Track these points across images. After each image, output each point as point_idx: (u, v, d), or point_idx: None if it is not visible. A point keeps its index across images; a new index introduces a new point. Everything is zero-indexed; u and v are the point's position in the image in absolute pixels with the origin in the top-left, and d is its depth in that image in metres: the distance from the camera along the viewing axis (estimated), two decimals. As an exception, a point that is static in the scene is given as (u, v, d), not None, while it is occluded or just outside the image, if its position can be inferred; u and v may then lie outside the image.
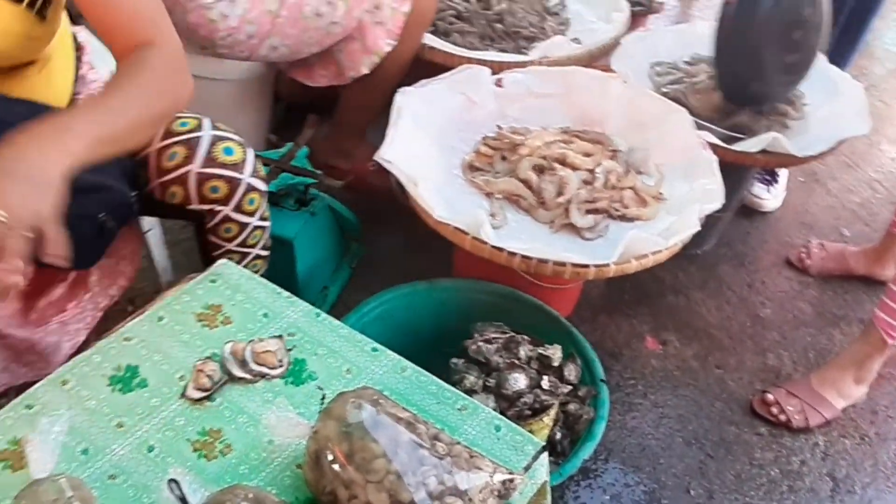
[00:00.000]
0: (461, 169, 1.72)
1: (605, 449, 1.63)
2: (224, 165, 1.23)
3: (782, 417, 1.74)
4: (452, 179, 1.69)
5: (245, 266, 1.34)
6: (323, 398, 0.96)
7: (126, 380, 1.04)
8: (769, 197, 2.33)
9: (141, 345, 1.09)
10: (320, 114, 2.01)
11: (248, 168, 1.25)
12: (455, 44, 1.98)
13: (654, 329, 1.94)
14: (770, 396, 1.77)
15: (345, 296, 1.88)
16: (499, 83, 1.82)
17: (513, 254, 1.46)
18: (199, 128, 1.24)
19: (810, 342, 1.97)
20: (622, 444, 1.66)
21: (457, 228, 1.50)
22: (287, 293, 1.20)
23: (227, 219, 1.28)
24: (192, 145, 1.22)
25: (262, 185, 1.29)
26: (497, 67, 1.86)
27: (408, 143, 1.62)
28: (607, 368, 1.79)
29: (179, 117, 1.26)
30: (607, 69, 1.94)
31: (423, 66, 1.87)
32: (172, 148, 1.22)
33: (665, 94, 1.92)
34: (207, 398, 1.03)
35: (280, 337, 1.12)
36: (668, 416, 1.74)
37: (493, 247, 1.46)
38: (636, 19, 2.27)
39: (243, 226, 1.31)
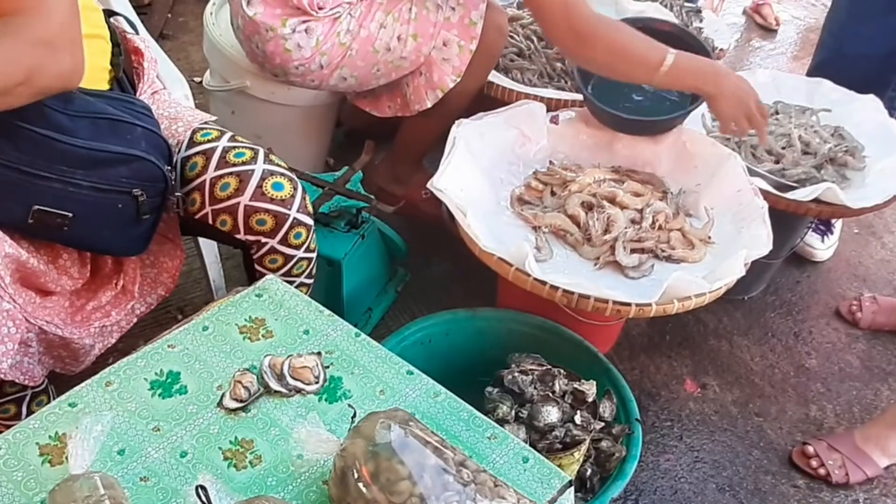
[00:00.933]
0: (510, 201, 1.71)
1: (635, 489, 1.59)
2: (272, 200, 1.25)
3: (822, 471, 1.68)
4: (500, 211, 1.69)
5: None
6: (353, 416, 0.95)
7: (167, 385, 1.05)
8: (822, 247, 2.26)
9: (184, 352, 1.10)
10: (378, 140, 2.03)
11: (296, 204, 1.27)
12: (514, 80, 1.98)
13: (694, 372, 1.89)
14: (810, 448, 1.70)
15: (388, 319, 1.88)
16: (554, 120, 1.81)
17: (555, 287, 1.44)
18: (253, 160, 1.26)
19: (856, 396, 1.89)
20: (654, 485, 1.62)
21: (501, 259, 1.49)
22: (328, 312, 1.20)
23: (272, 250, 1.30)
24: (244, 178, 1.24)
25: (308, 220, 1.30)
26: (553, 105, 1.86)
27: (460, 174, 1.63)
28: (644, 408, 1.75)
29: (235, 147, 1.29)
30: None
31: (481, 100, 1.88)
32: (226, 178, 1.25)
33: (721, 140, 1.89)
34: (243, 409, 1.03)
35: (318, 354, 1.12)
36: (702, 460, 1.69)
37: (536, 279, 1.45)
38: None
39: (288, 258, 1.32)
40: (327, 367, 1.11)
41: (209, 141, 1.30)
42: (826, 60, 2.22)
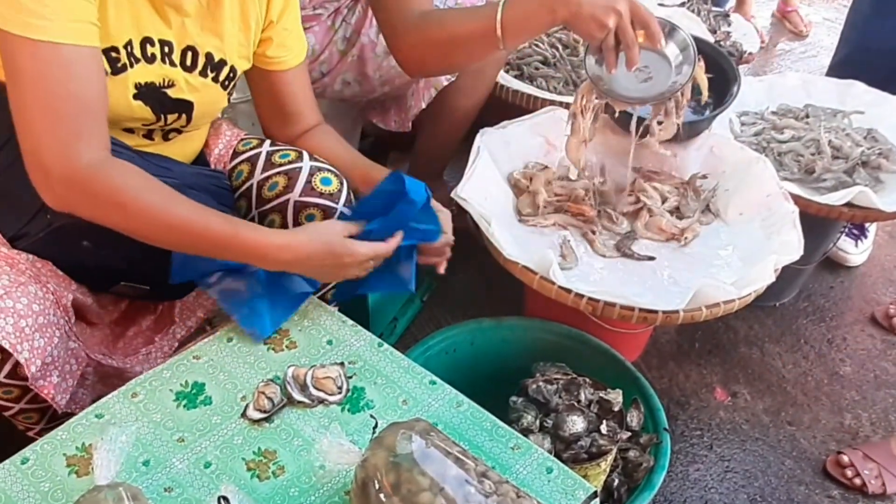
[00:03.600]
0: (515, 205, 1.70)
1: (664, 499, 1.56)
2: (322, 195, 1.25)
3: (857, 481, 1.63)
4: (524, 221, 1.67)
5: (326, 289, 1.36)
6: (375, 427, 0.95)
7: (191, 396, 1.06)
8: (856, 252, 2.21)
9: (209, 364, 1.11)
10: (403, 150, 2.03)
11: (343, 198, 1.27)
12: (539, 88, 1.98)
13: (725, 380, 1.86)
14: (845, 458, 1.66)
15: (413, 328, 1.88)
16: (578, 126, 1.80)
17: (580, 295, 1.43)
18: (299, 159, 1.28)
19: (892, 404, 1.85)
20: (683, 495, 1.59)
21: (525, 267, 1.48)
22: (352, 322, 1.21)
23: None
24: (292, 175, 1.25)
25: (349, 213, 1.31)
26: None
27: (484, 183, 1.62)
28: (672, 417, 1.72)
29: (279, 150, 1.31)
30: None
31: (506, 109, 1.87)
32: (273, 178, 1.26)
33: (749, 144, 1.87)
34: (266, 419, 1.04)
35: (341, 364, 1.12)
36: (733, 470, 1.66)
37: (561, 287, 1.44)
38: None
39: None
40: (350, 377, 1.11)
41: (252, 149, 1.33)
42: (850, 56, 2.17)
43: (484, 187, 1.61)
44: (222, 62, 1.21)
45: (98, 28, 1.01)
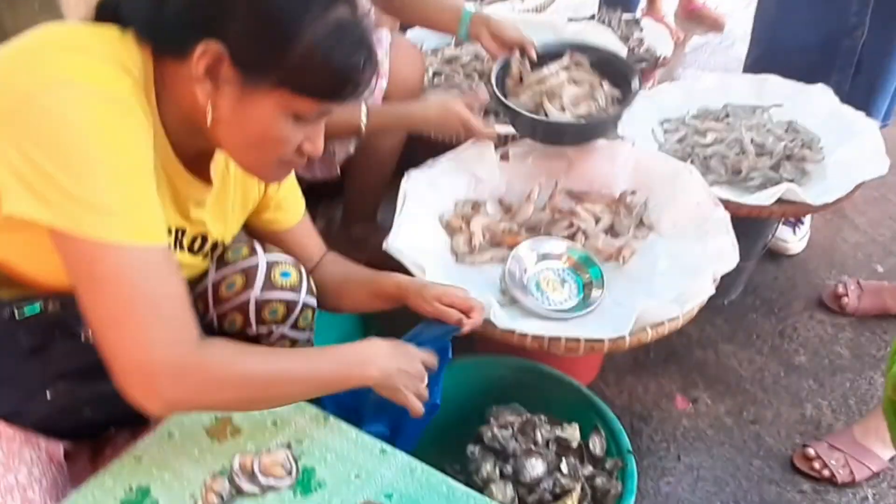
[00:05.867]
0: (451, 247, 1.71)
1: (638, 520, 1.58)
2: (283, 288, 1.25)
3: (826, 473, 1.67)
4: (462, 258, 1.68)
5: None
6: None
7: (137, 502, 1.04)
8: (795, 239, 2.27)
9: (152, 464, 1.09)
10: (334, 198, 2.03)
11: (304, 287, 1.27)
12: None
13: (684, 387, 1.89)
14: (811, 451, 1.70)
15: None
16: (504, 157, 1.82)
17: (524, 335, 1.44)
18: (252, 253, 1.26)
19: (850, 388, 1.89)
20: (657, 513, 1.61)
21: (465, 313, 1.48)
22: (295, 399, 1.19)
23: (282, 336, 1.29)
24: (249, 273, 1.24)
25: (314, 302, 1.31)
26: (501, 141, 1.85)
27: (416, 228, 1.63)
28: (637, 432, 1.75)
29: (232, 245, 1.29)
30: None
31: (425, 147, 1.88)
32: (230, 278, 1.25)
33: (674, 152, 1.91)
34: (217, 517, 1.02)
35: (288, 446, 1.11)
36: (703, 478, 1.68)
37: (504, 329, 1.45)
38: (643, 75, 2.26)
39: (294, 341, 1.31)
40: (299, 457, 1.11)
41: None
42: (763, 55, 2.21)
43: (415, 233, 1.62)
44: (221, 243, 1.25)
45: None
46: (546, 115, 1.73)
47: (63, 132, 0.86)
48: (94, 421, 1.16)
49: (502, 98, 1.73)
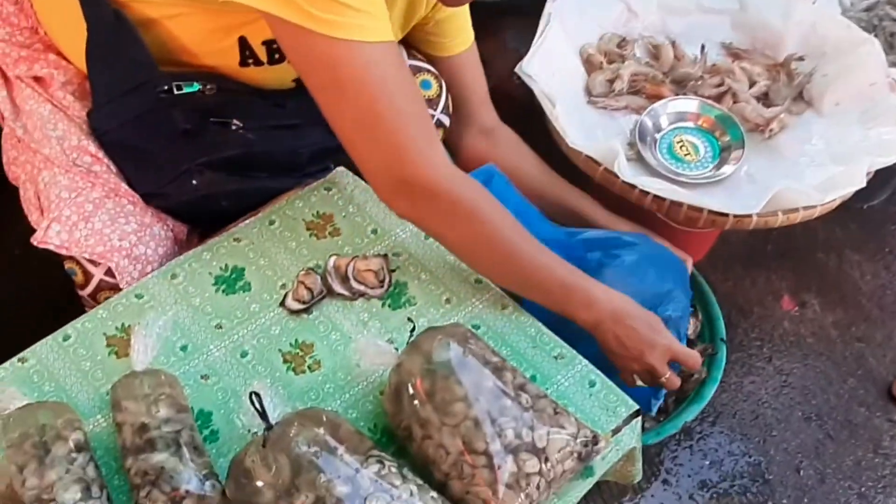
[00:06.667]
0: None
1: (713, 410, 1.58)
2: None
3: (924, 407, 1.62)
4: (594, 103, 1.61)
5: None
6: (413, 330, 0.96)
7: (231, 281, 1.09)
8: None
9: (249, 247, 1.13)
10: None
11: (442, 103, 1.24)
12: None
13: (795, 288, 1.83)
14: (914, 381, 1.65)
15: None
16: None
17: (645, 192, 1.40)
18: None
19: (976, 327, 1.80)
20: (734, 408, 1.61)
21: (588, 157, 1.44)
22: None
23: None
24: None
25: (447, 122, 1.28)
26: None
27: (553, 56, 1.56)
28: (733, 325, 1.72)
29: None
30: None
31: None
32: None
33: (857, 20, 1.73)
34: (305, 310, 1.06)
35: (385, 256, 1.13)
36: (791, 385, 1.66)
37: (625, 182, 1.40)
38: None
39: None
40: (393, 270, 1.12)
41: None
42: None
43: (552, 62, 1.55)
44: None
45: None
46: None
47: None
48: (229, 212, 1.19)
49: None
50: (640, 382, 1.13)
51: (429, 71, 1.23)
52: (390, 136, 0.93)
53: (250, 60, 1.09)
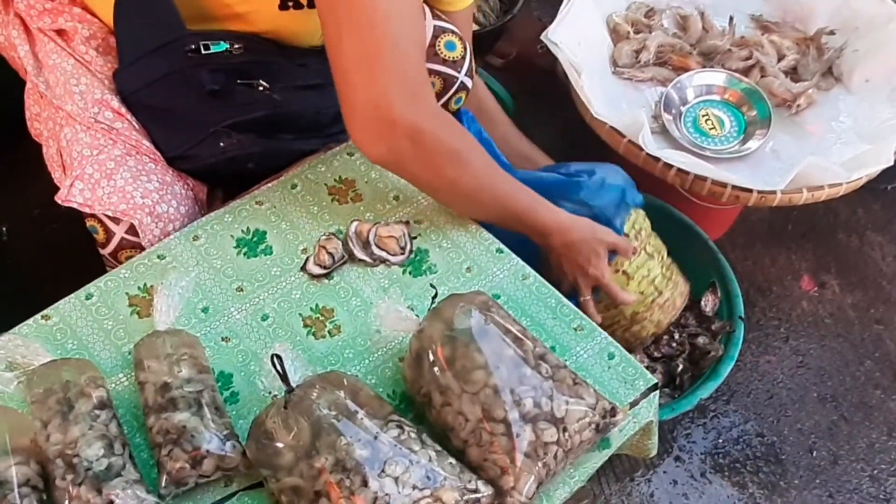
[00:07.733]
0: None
1: (728, 389, 1.59)
2: (445, 62, 1.22)
3: (939, 392, 1.63)
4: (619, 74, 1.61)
5: None
6: (434, 297, 0.97)
7: (252, 244, 1.10)
8: None
9: (271, 210, 1.14)
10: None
11: (466, 66, 1.23)
12: None
13: (815, 268, 1.83)
14: (931, 365, 1.65)
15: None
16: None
17: (668, 165, 1.40)
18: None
19: None
20: (749, 387, 1.61)
21: (613, 129, 1.44)
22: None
23: None
24: None
25: (470, 85, 1.28)
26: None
27: (580, 25, 1.56)
28: (751, 303, 1.72)
29: None
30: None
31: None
32: None
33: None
34: (326, 275, 1.07)
35: (406, 223, 1.14)
36: (806, 365, 1.66)
37: (649, 155, 1.40)
38: None
39: None
40: (415, 237, 1.13)
41: None
42: None
43: (578, 30, 1.55)
44: None
45: None
46: None
47: None
48: (254, 174, 1.20)
49: None
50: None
51: (453, 32, 1.23)
52: (388, 73, 0.92)
53: (290, 3, 1.08)
